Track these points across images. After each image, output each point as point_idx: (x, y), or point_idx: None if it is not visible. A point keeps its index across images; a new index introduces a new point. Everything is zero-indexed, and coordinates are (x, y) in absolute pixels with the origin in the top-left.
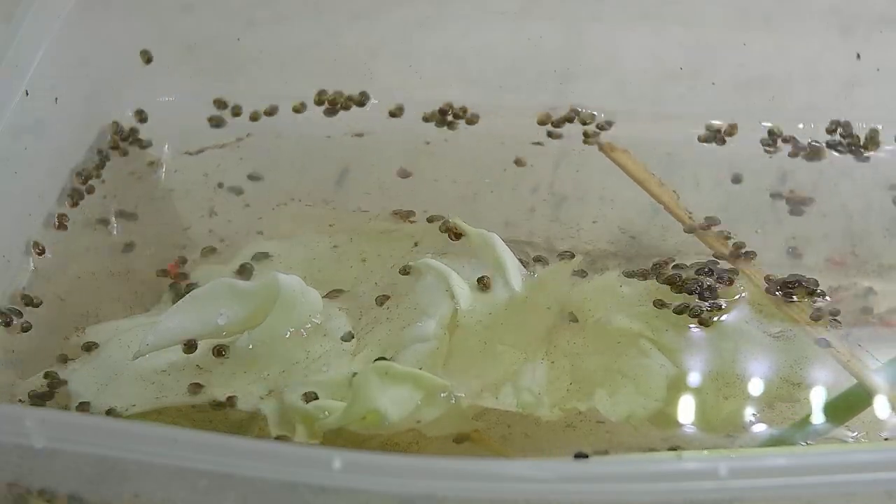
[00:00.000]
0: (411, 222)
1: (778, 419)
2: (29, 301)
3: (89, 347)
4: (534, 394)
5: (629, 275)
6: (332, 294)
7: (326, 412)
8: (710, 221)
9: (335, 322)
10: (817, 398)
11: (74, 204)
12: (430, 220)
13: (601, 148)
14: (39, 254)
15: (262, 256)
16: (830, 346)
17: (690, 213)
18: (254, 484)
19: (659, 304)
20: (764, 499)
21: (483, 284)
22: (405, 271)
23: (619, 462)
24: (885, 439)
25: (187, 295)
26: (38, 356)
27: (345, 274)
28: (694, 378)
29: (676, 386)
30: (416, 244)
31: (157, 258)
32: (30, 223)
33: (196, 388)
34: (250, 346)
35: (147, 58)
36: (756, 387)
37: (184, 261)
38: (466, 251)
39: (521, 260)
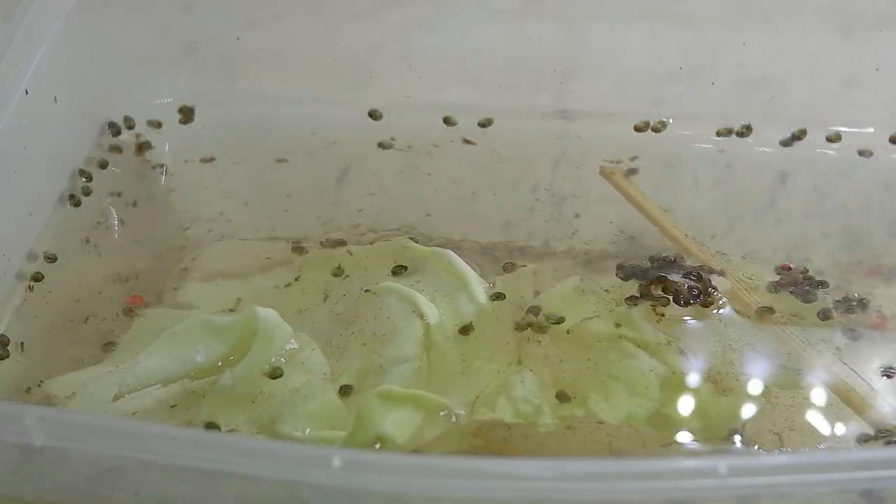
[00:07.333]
0: (344, 243)
1: (779, 409)
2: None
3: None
4: (531, 403)
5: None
6: (296, 326)
7: (325, 443)
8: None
9: (306, 353)
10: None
11: (74, 204)
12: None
13: (601, 172)
14: (50, 258)
15: (193, 302)
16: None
17: (690, 236)
18: (253, 482)
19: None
20: (764, 497)
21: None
22: (366, 296)
23: (619, 461)
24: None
25: (164, 333)
26: (36, 361)
27: (301, 305)
28: (687, 374)
29: (670, 384)
30: (365, 269)
31: (156, 258)
32: (30, 223)
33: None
34: (231, 384)
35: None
36: (753, 377)
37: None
38: (421, 269)
39: (479, 272)
